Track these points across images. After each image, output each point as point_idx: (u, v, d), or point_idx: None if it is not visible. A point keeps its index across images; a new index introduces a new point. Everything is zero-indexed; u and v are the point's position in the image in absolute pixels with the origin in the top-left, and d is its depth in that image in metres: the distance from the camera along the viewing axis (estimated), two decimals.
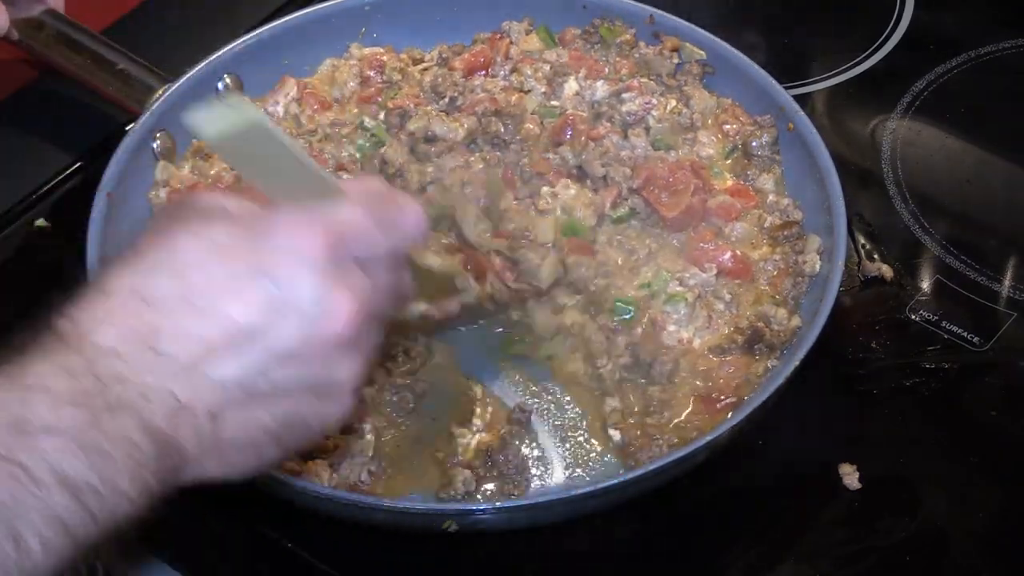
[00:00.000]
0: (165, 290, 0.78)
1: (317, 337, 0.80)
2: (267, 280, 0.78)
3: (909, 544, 1.08)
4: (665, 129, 1.29)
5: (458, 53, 1.38)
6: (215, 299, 0.78)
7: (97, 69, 1.33)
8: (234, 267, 0.79)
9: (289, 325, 0.79)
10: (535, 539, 1.07)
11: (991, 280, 1.27)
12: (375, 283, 0.84)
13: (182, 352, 0.77)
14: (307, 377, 0.81)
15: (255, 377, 0.79)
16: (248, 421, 0.80)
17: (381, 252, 0.85)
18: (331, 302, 0.80)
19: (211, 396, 0.78)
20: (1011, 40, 1.51)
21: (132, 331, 0.76)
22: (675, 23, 1.37)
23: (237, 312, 0.78)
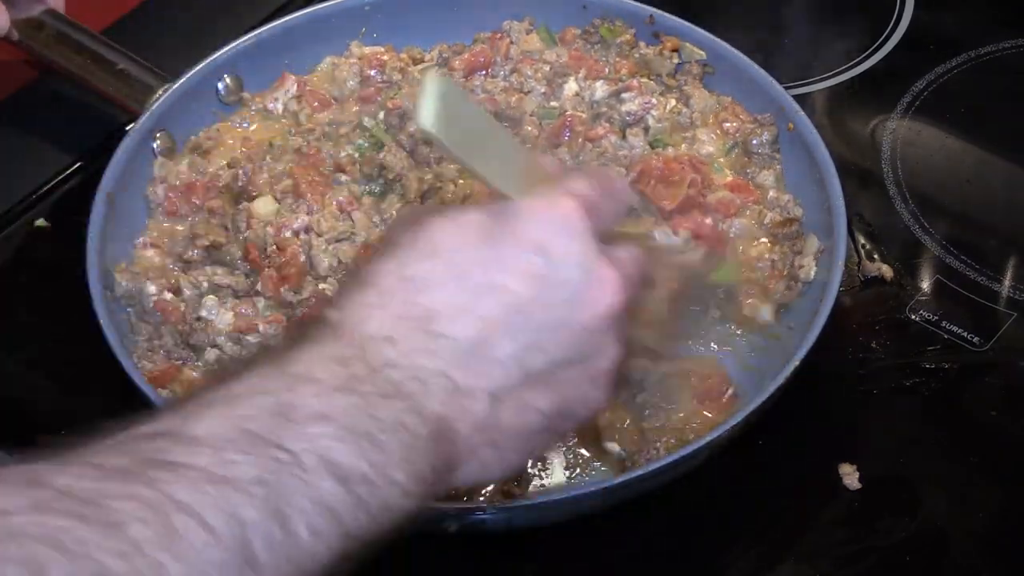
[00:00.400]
0: (434, 273, 0.77)
1: (589, 308, 0.79)
2: (535, 253, 0.78)
3: (909, 544, 1.08)
4: (664, 128, 1.29)
5: (458, 53, 1.38)
6: (487, 276, 0.77)
7: (97, 69, 1.33)
8: (499, 244, 0.78)
9: (561, 296, 0.78)
10: (535, 539, 1.07)
11: (991, 280, 1.27)
12: (628, 259, 0.84)
13: (460, 332, 0.76)
14: (580, 353, 0.80)
15: (533, 353, 0.78)
16: (525, 404, 0.79)
17: (612, 221, 0.85)
18: (601, 272, 0.80)
19: (491, 376, 0.77)
20: (1011, 40, 1.51)
21: (404, 316, 0.75)
22: (675, 23, 1.37)
23: (513, 286, 0.77)
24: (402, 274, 0.77)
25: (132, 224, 1.23)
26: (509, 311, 0.77)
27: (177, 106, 1.29)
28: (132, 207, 1.24)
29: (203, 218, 1.23)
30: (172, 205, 1.25)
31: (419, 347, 0.75)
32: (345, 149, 1.28)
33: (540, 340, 0.78)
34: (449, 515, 1.01)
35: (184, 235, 1.23)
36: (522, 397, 0.79)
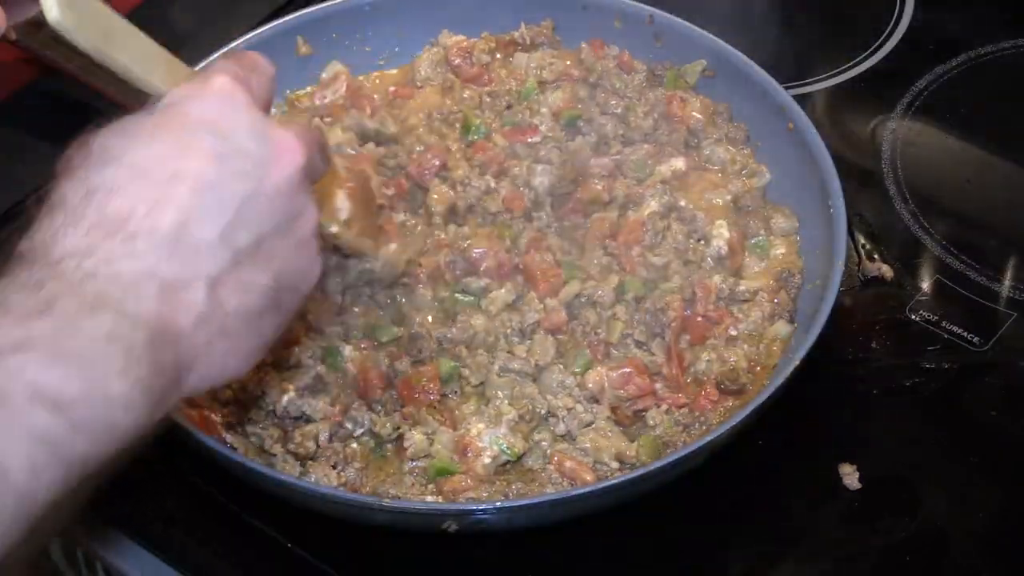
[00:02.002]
0: (116, 177, 0.75)
1: (276, 173, 0.79)
2: (207, 133, 0.77)
3: (909, 544, 1.08)
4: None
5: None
6: (167, 166, 0.75)
7: (97, 69, 1.32)
8: (169, 135, 0.77)
9: (246, 167, 0.78)
10: (535, 539, 1.07)
11: (991, 280, 1.27)
12: (296, 128, 0.84)
13: (156, 226, 0.74)
14: (280, 220, 0.80)
15: (236, 230, 0.77)
16: (245, 284, 0.78)
17: (266, 94, 0.86)
18: (275, 137, 0.80)
19: (201, 262, 0.75)
20: (1011, 40, 1.51)
21: (96, 225, 0.73)
22: (675, 23, 1.37)
23: (195, 169, 0.76)
24: (86, 188, 0.75)
25: None
26: (200, 193, 0.75)
27: None
28: None
29: None
30: None
31: (118, 252, 0.72)
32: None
33: (240, 215, 0.77)
34: (449, 515, 1.01)
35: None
36: (239, 276, 0.77)
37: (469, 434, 1.08)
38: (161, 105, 0.80)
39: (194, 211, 0.75)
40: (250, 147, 0.79)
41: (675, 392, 1.12)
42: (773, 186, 1.29)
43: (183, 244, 0.74)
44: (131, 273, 0.72)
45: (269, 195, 0.79)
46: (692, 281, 1.19)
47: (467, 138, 1.31)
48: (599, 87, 1.35)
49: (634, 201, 1.24)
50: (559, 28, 1.41)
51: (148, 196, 0.74)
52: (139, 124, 0.79)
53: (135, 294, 0.72)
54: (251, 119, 0.80)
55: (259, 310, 0.79)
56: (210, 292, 0.75)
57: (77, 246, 0.72)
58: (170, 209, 0.74)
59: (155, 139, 0.77)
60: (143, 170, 0.75)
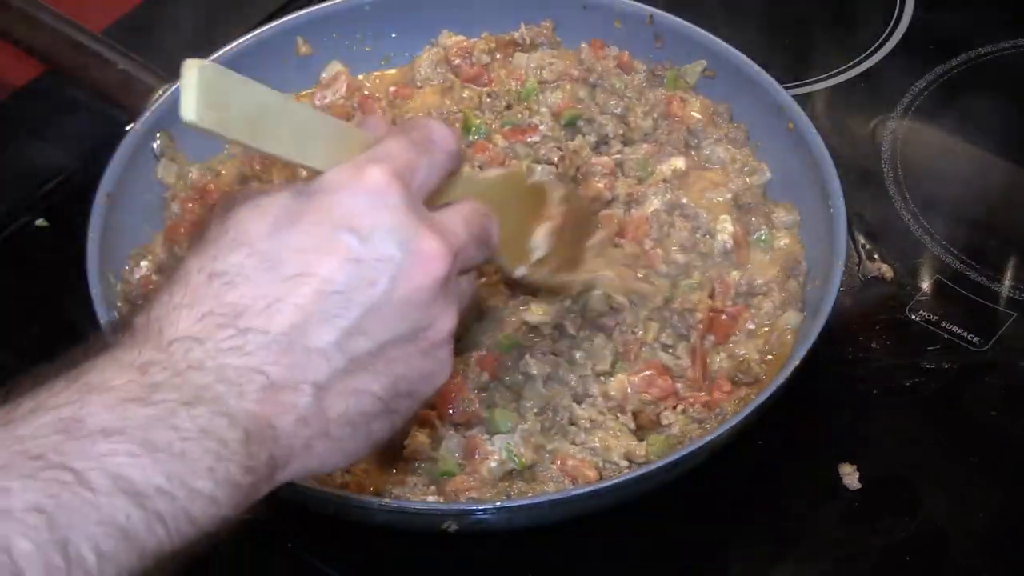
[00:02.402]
0: (243, 265, 0.73)
1: (411, 283, 0.75)
2: (347, 232, 0.73)
3: (909, 544, 1.08)
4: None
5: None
6: (297, 262, 0.73)
7: (97, 69, 1.33)
8: (308, 227, 0.74)
9: (379, 275, 0.74)
10: (535, 539, 1.07)
11: (991, 280, 1.27)
12: (456, 220, 0.80)
13: (272, 324, 0.71)
14: (407, 330, 0.76)
15: (356, 338, 0.74)
16: (356, 391, 0.75)
17: (436, 178, 0.80)
18: (419, 243, 0.75)
19: (313, 367, 0.73)
20: (1011, 40, 1.51)
21: (211, 313, 0.71)
22: (675, 23, 1.37)
23: (325, 270, 0.73)
24: (211, 270, 0.73)
25: (132, 224, 1.23)
26: (323, 296, 0.73)
27: (177, 106, 1.29)
28: (132, 207, 1.24)
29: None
30: (193, 214, 1.25)
31: (227, 345, 0.71)
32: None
33: (362, 323, 0.74)
34: (449, 515, 1.01)
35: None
36: (350, 383, 0.75)
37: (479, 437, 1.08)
38: (309, 189, 0.76)
39: (313, 314, 0.73)
40: (389, 252, 0.74)
41: (696, 391, 1.12)
42: (773, 185, 1.29)
43: (295, 347, 0.72)
44: (237, 369, 0.71)
45: (397, 305, 0.75)
46: (711, 277, 1.19)
47: (467, 138, 1.31)
48: (599, 87, 1.35)
49: (636, 200, 1.24)
50: (559, 28, 1.41)
51: (269, 292, 0.72)
52: (281, 208, 0.75)
53: (238, 391, 0.70)
54: (397, 222, 0.75)
55: (368, 416, 0.77)
56: (316, 397, 0.73)
57: (189, 332, 0.71)
58: (288, 309, 0.72)
59: (293, 230, 0.74)
60: (271, 263, 0.73)
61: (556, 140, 1.29)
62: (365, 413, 0.76)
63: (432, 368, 0.80)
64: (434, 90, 1.38)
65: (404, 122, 0.83)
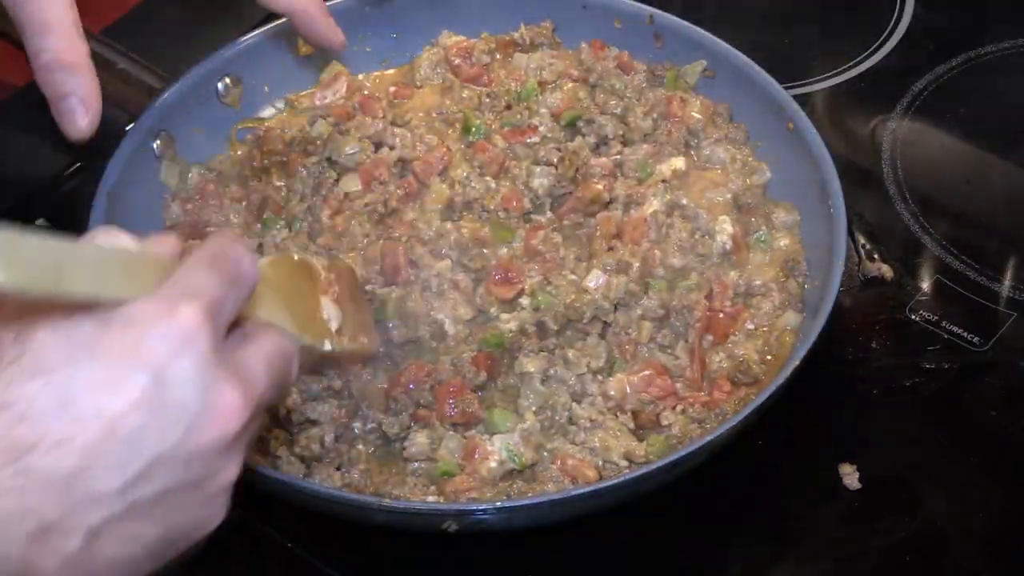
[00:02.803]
0: (37, 398, 0.69)
1: (204, 436, 0.73)
2: (146, 375, 0.71)
3: (909, 544, 1.08)
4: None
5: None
6: (91, 400, 0.70)
7: (97, 69, 1.33)
8: (108, 363, 0.71)
9: (174, 424, 0.72)
10: (535, 539, 1.07)
11: (991, 280, 1.27)
12: (260, 364, 0.78)
13: (57, 465, 0.68)
14: (192, 479, 0.74)
15: (140, 483, 0.71)
16: (129, 537, 0.72)
17: (239, 309, 0.78)
18: (219, 396, 0.73)
19: (91, 512, 0.70)
20: (1011, 40, 1.51)
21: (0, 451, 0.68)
22: (675, 23, 1.37)
23: (119, 411, 0.70)
24: (3, 399, 0.69)
25: (132, 224, 1.23)
26: (114, 440, 0.70)
27: (177, 106, 1.29)
28: (132, 207, 1.24)
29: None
30: (193, 215, 1.25)
31: (8, 485, 0.67)
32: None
33: (148, 470, 0.71)
34: (449, 515, 1.01)
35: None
36: (125, 529, 0.72)
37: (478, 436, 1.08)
38: (113, 318, 0.72)
39: (100, 458, 0.70)
40: (186, 401, 0.72)
41: (696, 392, 1.12)
42: (773, 184, 1.29)
43: (76, 491, 0.69)
44: (11, 512, 0.68)
45: (186, 457, 0.73)
46: (708, 278, 1.19)
47: (467, 138, 1.31)
48: (598, 87, 1.35)
49: (635, 201, 1.24)
50: (559, 28, 1.41)
51: (59, 429, 0.69)
52: (82, 336, 0.71)
53: (6, 533, 0.68)
54: (200, 371, 0.72)
55: (136, 561, 0.74)
56: (87, 541, 0.70)
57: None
58: (76, 450, 0.69)
59: (92, 364, 0.70)
60: (65, 397, 0.69)
61: (555, 141, 1.29)
62: (134, 558, 0.74)
63: (208, 515, 0.78)
64: (434, 90, 1.38)
65: (203, 243, 0.79)
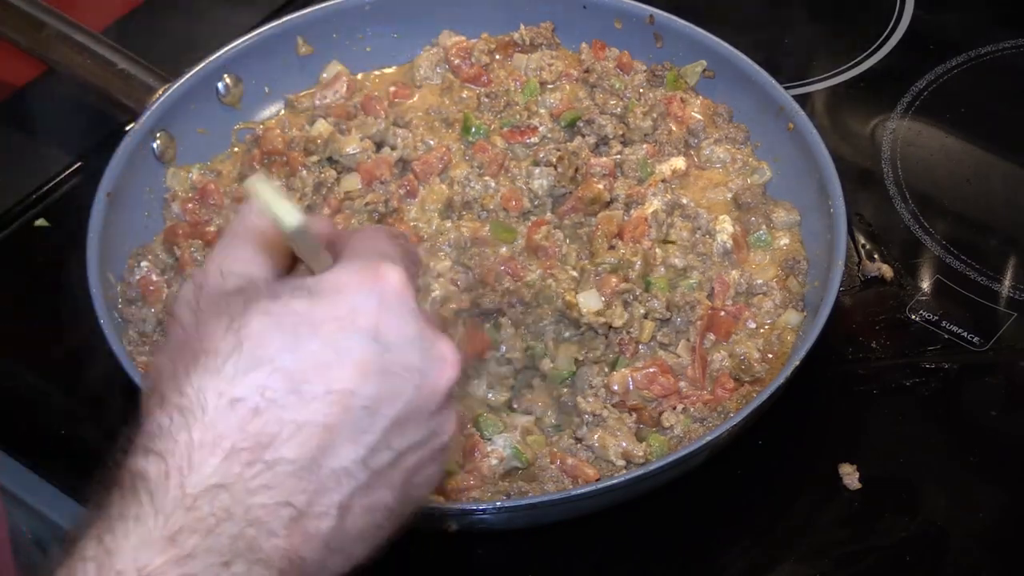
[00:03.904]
0: (264, 386, 0.67)
1: (432, 391, 0.72)
2: (369, 338, 0.69)
3: (909, 544, 1.08)
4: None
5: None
6: (323, 379, 0.68)
7: (97, 69, 1.33)
8: (330, 337, 0.68)
9: (406, 385, 0.70)
10: (535, 539, 1.07)
11: (991, 280, 1.27)
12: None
13: (300, 451, 0.67)
14: (422, 437, 0.73)
15: (379, 452, 0.70)
16: (373, 507, 0.71)
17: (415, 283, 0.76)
18: (438, 350, 0.72)
19: (338, 489, 0.69)
20: (1011, 40, 1.51)
21: (235, 449, 0.66)
22: (675, 23, 1.37)
23: (352, 384, 0.68)
24: (232, 395, 0.67)
25: (132, 224, 1.23)
26: (350, 413, 0.68)
27: (177, 106, 1.29)
28: (132, 207, 1.24)
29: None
30: (193, 215, 1.25)
31: (255, 484, 0.66)
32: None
33: (385, 437, 0.70)
34: (449, 515, 1.01)
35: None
36: (369, 499, 0.71)
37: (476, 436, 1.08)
38: (319, 289, 0.70)
39: (340, 433, 0.68)
40: (411, 360, 0.71)
41: (699, 390, 1.12)
42: (773, 184, 1.29)
43: (322, 472, 0.68)
44: (264, 508, 0.66)
45: (419, 415, 0.72)
46: (710, 276, 1.19)
47: (467, 138, 1.31)
48: (598, 88, 1.35)
49: (636, 200, 1.24)
50: (559, 28, 1.41)
51: (297, 416, 0.67)
52: (295, 315, 0.69)
53: (268, 529, 0.66)
54: (417, 329, 0.71)
55: (380, 528, 0.73)
56: (339, 518, 0.69)
57: (214, 478, 0.65)
58: (316, 431, 0.67)
59: (314, 341, 0.68)
60: (296, 382, 0.67)
61: (555, 141, 1.29)
62: (379, 526, 0.73)
63: (436, 471, 0.77)
64: (433, 90, 1.38)
65: (360, 229, 0.80)
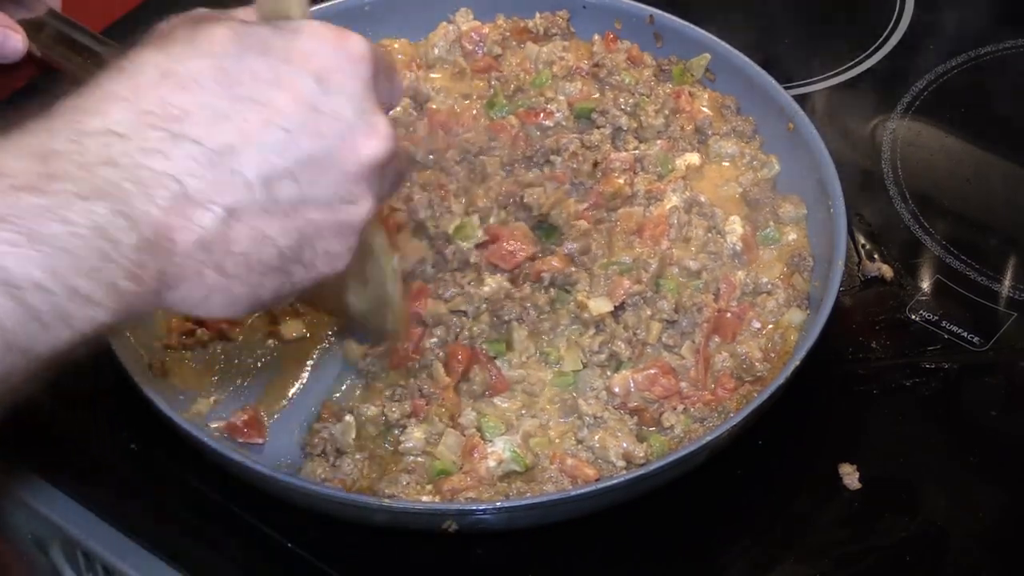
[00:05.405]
0: (200, 73, 0.70)
1: (354, 151, 0.75)
2: (312, 79, 0.73)
3: (909, 544, 1.08)
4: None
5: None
6: (255, 87, 0.71)
7: (97, 69, 1.32)
8: (276, 61, 0.73)
9: (330, 130, 0.73)
10: (535, 539, 1.07)
11: (991, 280, 1.27)
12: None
13: (209, 138, 0.69)
14: (332, 196, 0.75)
15: (284, 181, 0.72)
16: (263, 233, 0.73)
17: (386, 100, 0.80)
18: (374, 119, 0.76)
19: (232, 191, 0.71)
20: (1011, 40, 1.51)
21: (151, 112, 0.69)
22: (675, 23, 1.37)
23: (280, 103, 0.72)
24: (166, 68, 0.70)
25: None
26: (269, 128, 0.71)
27: None
28: None
29: None
30: None
31: (153, 147, 0.68)
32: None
33: (295, 168, 0.73)
34: (449, 515, 1.01)
35: None
36: (260, 224, 0.73)
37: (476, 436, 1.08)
38: (288, 27, 0.75)
39: (253, 142, 0.71)
40: (345, 113, 0.74)
41: (700, 391, 1.12)
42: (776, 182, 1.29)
43: (222, 166, 0.70)
44: (154, 172, 0.68)
45: (333, 168, 0.75)
46: (717, 276, 1.19)
47: (490, 114, 1.31)
48: (608, 84, 1.35)
49: (655, 196, 1.24)
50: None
51: (217, 106, 0.71)
52: (256, 36, 0.73)
53: (147, 193, 0.68)
54: (361, 91, 0.75)
55: (265, 266, 0.75)
56: (223, 222, 0.71)
57: (114, 126, 0.68)
58: (230, 128, 0.71)
59: (261, 57, 0.73)
60: (230, 79, 0.71)
61: (571, 130, 1.29)
62: (263, 262, 0.74)
63: (337, 249, 0.78)
64: (445, 75, 1.38)
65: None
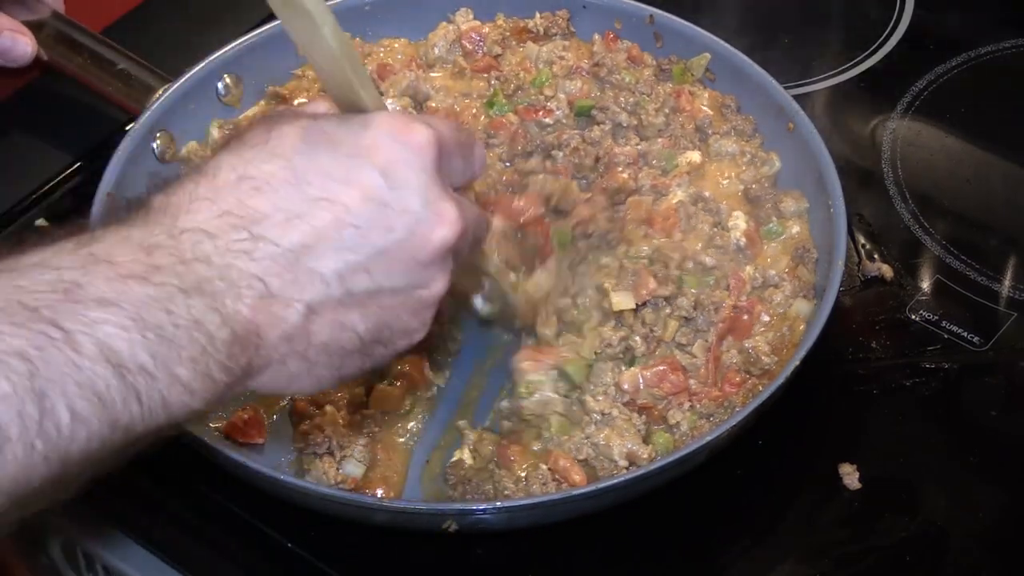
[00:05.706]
0: (273, 175, 0.75)
1: (425, 239, 0.79)
2: (378, 172, 0.77)
3: (909, 544, 1.08)
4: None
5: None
6: (325, 187, 0.75)
7: (97, 69, 1.33)
8: (344, 157, 0.77)
9: (399, 223, 0.77)
10: (535, 539, 1.07)
11: (991, 280, 1.27)
12: (468, 204, 0.83)
13: (285, 238, 0.74)
14: (406, 283, 0.80)
15: (358, 274, 0.77)
16: (342, 324, 0.78)
17: (458, 180, 0.84)
18: (441, 207, 0.79)
19: (311, 288, 0.75)
20: (1011, 40, 1.51)
21: (230, 213, 0.73)
22: (675, 23, 1.37)
23: (349, 201, 0.76)
24: (242, 172, 0.75)
25: None
26: (341, 226, 0.76)
27: (177, 106, 1.29)
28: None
29: None
30: None
31: (238, 247, 0.73)
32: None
33: (368, 262, 0.77)
34: (449, 515, 1.01)
35: None
36: (340, 315, 0.78)
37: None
38: (354, 120, 0.79)
39: (326, 240, 0.75)
40: (412, 206, 0.78)
41: (709, 387, 1.12)
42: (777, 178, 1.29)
43: (300, 265, 0.75)
44: (241, 272, 0.73)
45: (405, 258, 0.79)
46: (726, 272, 1.18)
47: (489, 112, 1.31)
48: (608, 83, 1.35)
49: (660, 191, 1.24)
50: None
51: (292, 207, 0.75)
52: (322, 132, 0.78)
53: (236, 292, 0.72)
54: (427, 182, 0.79)
55: (345, 351, 0.80)
56: (305, 317, 0.76)
57: (204, 225, 0.73)
58: (305, 228, 0.75)
59: (328, 154, 0.77)
60: (300, 179, 0.75)
61: (571, 127, 1.30)
62: (344, 348, 0.79)
63: (414, 326, 0.83)
64: (445, 75, 1.38)
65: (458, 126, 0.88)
